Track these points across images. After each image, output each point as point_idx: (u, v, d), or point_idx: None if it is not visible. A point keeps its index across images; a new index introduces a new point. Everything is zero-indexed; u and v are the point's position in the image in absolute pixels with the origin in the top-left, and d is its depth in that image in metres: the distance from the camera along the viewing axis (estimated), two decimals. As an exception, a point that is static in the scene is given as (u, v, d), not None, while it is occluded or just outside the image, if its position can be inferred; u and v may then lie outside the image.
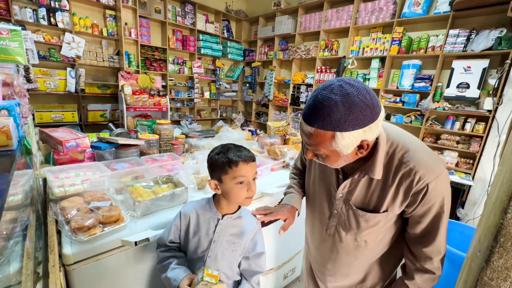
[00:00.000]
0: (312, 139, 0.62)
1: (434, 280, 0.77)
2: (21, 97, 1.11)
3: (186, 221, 0.89)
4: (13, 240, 0.60)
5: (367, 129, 0.58)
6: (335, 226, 0.84)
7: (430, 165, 0.66)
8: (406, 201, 0.70)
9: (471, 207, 2.68)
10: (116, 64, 3.99)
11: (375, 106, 0.58)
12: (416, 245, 0.76)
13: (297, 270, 1.89)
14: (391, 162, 0.69)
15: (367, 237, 0.79)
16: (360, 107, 0.56)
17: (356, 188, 0.76)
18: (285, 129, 2.23)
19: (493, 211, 0.48)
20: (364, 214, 0.75)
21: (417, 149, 0.69)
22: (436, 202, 0.68)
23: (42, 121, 3.43)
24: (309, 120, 0.61)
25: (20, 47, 1.11)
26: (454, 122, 2.88)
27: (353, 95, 0.57)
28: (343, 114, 0.56)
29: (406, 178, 0.67)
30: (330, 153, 0.64)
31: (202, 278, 0.71)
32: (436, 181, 0.65)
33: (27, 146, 0.93)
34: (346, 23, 3.76)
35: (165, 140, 1.75)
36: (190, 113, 5.19)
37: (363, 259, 0.85)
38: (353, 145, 0.61)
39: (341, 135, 0.58)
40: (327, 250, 0.90)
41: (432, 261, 0.74)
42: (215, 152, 0.84)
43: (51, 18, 3.36)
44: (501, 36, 2.51)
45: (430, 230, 0.72)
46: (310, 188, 0.95)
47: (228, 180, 0.81)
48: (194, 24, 4.68)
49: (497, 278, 0.46)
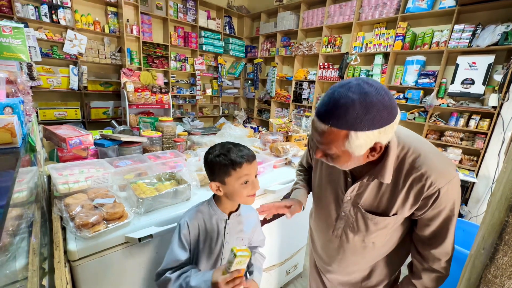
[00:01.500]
0: (325, 137, 0.60)
1: (441, 280, 0.77)
2: (25, 95, 1.11)
3: (195, 230, 0.85)
4: (19, 236, 0.61)
5: (382, 130, 0.57)
6: (342, 228, 0.83)
7: (442, 170, 0.65)
8: (416, 205, 0.69)
9: (475, 204, 2.67)
10: (118, 61, 3.99)
11: (392, 107, 0.57)
12: (424, 246, 0.75)
13: (299, 267, 1.90)
14: (402, 167, 0.68)
15: (375, 239, 0.79)
16: (377, 107, 0.55)
17: (365, 192, 0.75)
18: (287, 126, 2.22)
19: (498, 209, 0.48)
20: (373, 217, 0.75)
21: (429, 154, 0.67)
22: (446, 206, 0.67)
23: (45, 118, 3.45)
24: (323, 118, 0.59)
25: (23, 44, 1.12)
26: (458, 119, 2.85)
27: (371, 94, 0.55)
28: (360, 113, 0.55)
29: (417, 183, 0.66)
30: (342, 153, 0.62)
31: (235, 256, 0.66)
32: (447, 186, 0.65)
33: (31, 144, 0.94)
34: (349, 18, 3.71)
35: (168, 137, 1.75)
36: (192, 110, 5.20)
37: (369, 258, 0.85)
38: (367, 146, 0.60)
39: (355, 135, 0.56)
40: (333, 250, 0.90)
41: (440, 262, 0.73)
42: (214, 154, 0.80)
43: (53, 15, 3.37)
44: (508, 31, 2.46)
45: (439, 233, 0.71)
46: (316, 189, 0.94)
47: (233, 182, 0.79)
48: (196, 20, 4.66)
49: (501, 276, 0.46)
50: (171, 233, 0.99)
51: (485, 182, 2.61)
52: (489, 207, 0.53)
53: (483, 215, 0.58)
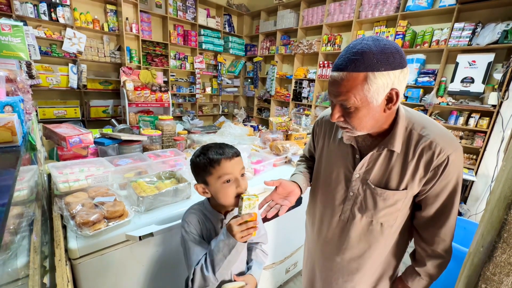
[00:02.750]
0: (343, 85, 0.62)
1: (444, 266, 0.79)
2: (25, 93, 1.11)
3: (197, 225, 0.84)
4: (20, 234, 0.61)
5: (397, 73, 0.60)
6: (350, 209, 0.83)
7: (449, 138, 0.69)
8: (426, 177, 0.71)
9: (474, 202, 2.68)
10: (118, 59, 3.98)
11: (403, 53, 0.62)
12: (428, 228, 0.77)
13: (299, 265, 1.91)
14: (411, 137, 0.71)
15: (383, 219, 0.78)
16: (390, 50, 0.60)
17: (374, 166, 0.76)
18: (287, 125, 2.23)
19: (497, 207, 0.48)
20: (382, 192, 0.75)
21: (435, 125, 0.72)
22: (453, 177, 0.70)
23: (45, 117, 3.45)
24: (340, 67, 0.62)
25: (22, 42, 1.11)
26: (458, 117, 2.86)
27: (383, 40, 0.61)
28: (376, 53, 0.59)
29: (427, 151, 0.69)
30: (360, 103, 0.63)
31: (242, 199, 0.73)
32: (455, 153, 0.68)
33: (31, 142, 0.94)
34: (349, 16, 3.71)
35: (168, 135, 1.75)
36: (192, 108, 5.19)
37: (375, 248, 0.83)
38: (384, 90, 0.61)
39: (373, 75, 0.59)
40: (337, 240, 0.88)
41: (445, 243, 0.76)
42: (195, 155, 0.80)
43: (52, 13, 3.35)
44: (508, 30, 2.46)
45: (444, 210, 0.73)
46: (320, 176, 0.92)
47: (214, 181, 0.77)
48: (195, 18, 4.64)
49: (499, 273, 0.46)
50: (171, 231, 0.99)
51: (484, 180, 2.62)
52: (488, 205, 0.54)
53: (482, 213, 0.58)
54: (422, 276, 0.81)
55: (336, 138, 0.85)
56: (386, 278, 0.90)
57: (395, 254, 0.87)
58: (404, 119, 0.72)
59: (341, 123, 0.71)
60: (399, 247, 0.87)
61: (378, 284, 0.90)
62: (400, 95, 0.64)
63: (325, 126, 0.91)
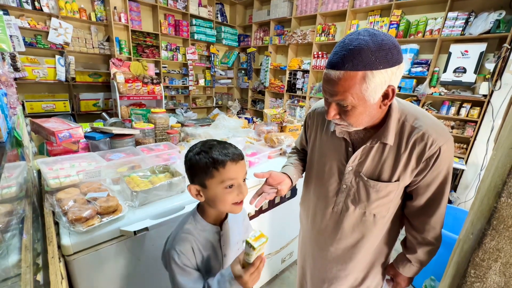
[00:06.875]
0: (341, 85, 0.60)
1: (434, 252, 0.81)
2: (8, 87, 1.07)
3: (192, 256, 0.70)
4: (10, 232, 0.60)
5: (394, 70, 0.59)
6: (343, 201, 0.83)
7: (440, 130, 0.69)
8: (418, 168, 0.71)
9: (463, 190, 2.75)
10: (107, 51, 3.86)
11: (399, 48, 0.60)
12: (419, 217, 0.79)
13: (294, 254, 1.95)
14: (403, 129, 0.71)
15: (376, 210, 0.80)
16: (388, 46, 0.58)
17: (367, 159, 0.76)
18: (281, 117, 2.22)
19: (487, 195, 0.49)
20: (375, 184, 0.76)
21: (426, 117, 0.72)
22: (444, 168, 0.71)
23: (33, 111, 3.34)
24: (337, 65, 0.59)
25: (3, 33, 1.06)
26: (450, 107, 2.89)
27: (380, 35, 0.59)
28: (374, 51, 0.57)
29: (419, 142, 0.69)
30: (357, 102, 0.62)
31: (253, 248, 0.59)
32: (446, 144, 0.68)
33: (17, 138, 0.91)
34: (343, 6, 3.65)
35: (161, 129, 1.72)
36: (185, 101, 5.11)
37: (368, 238, 0.84)
38: (382, 88, 0.61)
39: (371, 74, 0.58)
40: (330, 231, 0.89)
41: (435, 230, 0.78)
42: (194, 152, 0.69)
43: (35, 2, 3.19)
44: (500, 19, 2.47)
45: (435, 199, 0.75)
46: (314, 167, 0.92)
47: (214, 185, 0.67)
48: (187, 8, 4.51)
49: (488, 259, 0.48)
50: (166, 225, 0.98)
51: (474, 169, 2.69)
52: (478, 194, 0.54)
53: (472, 201, 0.59)
54: (413, 263, 0.84)
55: (328, 131, 0.85)
56: (378, 265, 0.92)
57: (387, 242, 0.89)
58: (397, 111, 0.72)
59: (337, 120, 0.70)
60: (390, 235, 0.89)
61: (371, 271, 0.92)
62: (396, 91, 0.63)
63: (317, 118, 0.90)
